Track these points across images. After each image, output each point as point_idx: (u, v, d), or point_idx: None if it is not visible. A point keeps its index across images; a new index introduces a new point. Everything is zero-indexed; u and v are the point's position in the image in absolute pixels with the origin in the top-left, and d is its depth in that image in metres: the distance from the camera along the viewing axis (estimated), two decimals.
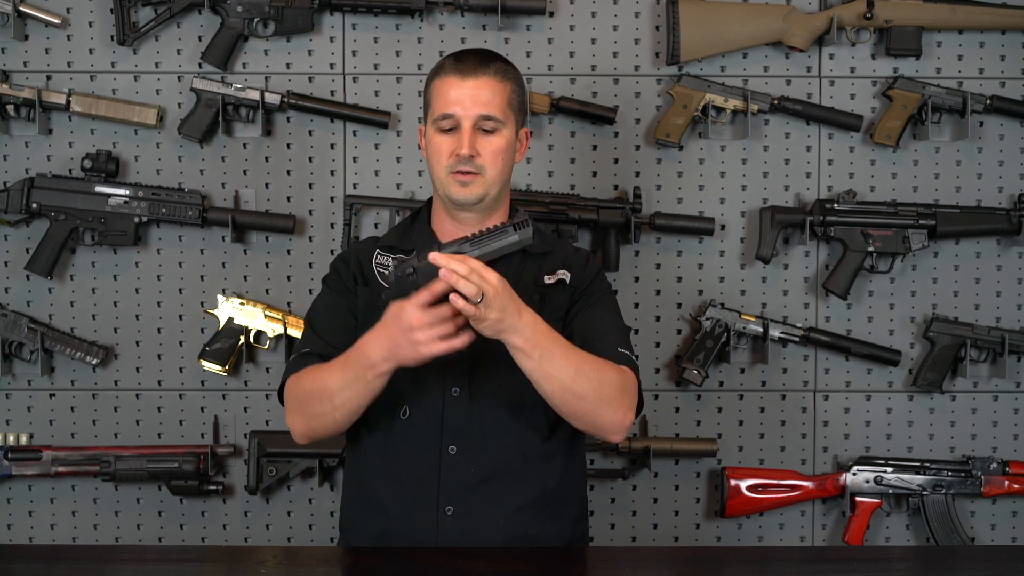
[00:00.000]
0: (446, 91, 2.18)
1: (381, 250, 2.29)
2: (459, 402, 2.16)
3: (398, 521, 2.18)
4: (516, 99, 2.23)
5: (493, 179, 2.19)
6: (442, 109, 2.18)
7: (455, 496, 2.16)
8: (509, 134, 2.21)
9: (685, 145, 3.09)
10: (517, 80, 2.24)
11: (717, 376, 3.12)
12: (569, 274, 2.27)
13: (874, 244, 3.05)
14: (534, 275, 2.27)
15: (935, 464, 3.08)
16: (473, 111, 2.17)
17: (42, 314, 3.07)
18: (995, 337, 3.10)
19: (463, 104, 2.17)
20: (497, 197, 2.23)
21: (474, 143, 2.17)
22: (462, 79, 2.18)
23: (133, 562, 2.17)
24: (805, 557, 2.43)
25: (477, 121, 2.17)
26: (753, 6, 3.05)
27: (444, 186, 2.20)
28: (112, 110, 3.00)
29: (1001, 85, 3.12)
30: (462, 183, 2.18)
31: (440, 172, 2.20)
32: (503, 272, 2.24)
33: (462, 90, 2.17)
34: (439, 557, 2.08)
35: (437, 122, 2.19)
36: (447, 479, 2.15)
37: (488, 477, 2.16)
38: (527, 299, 2.21)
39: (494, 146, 2.18)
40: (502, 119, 2.19)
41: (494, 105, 2.18)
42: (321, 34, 3.06)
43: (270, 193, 3.07)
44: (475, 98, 2.17)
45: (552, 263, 2.28)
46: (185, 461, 3.02)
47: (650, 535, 3.14)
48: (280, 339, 3.04)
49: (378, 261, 2.27)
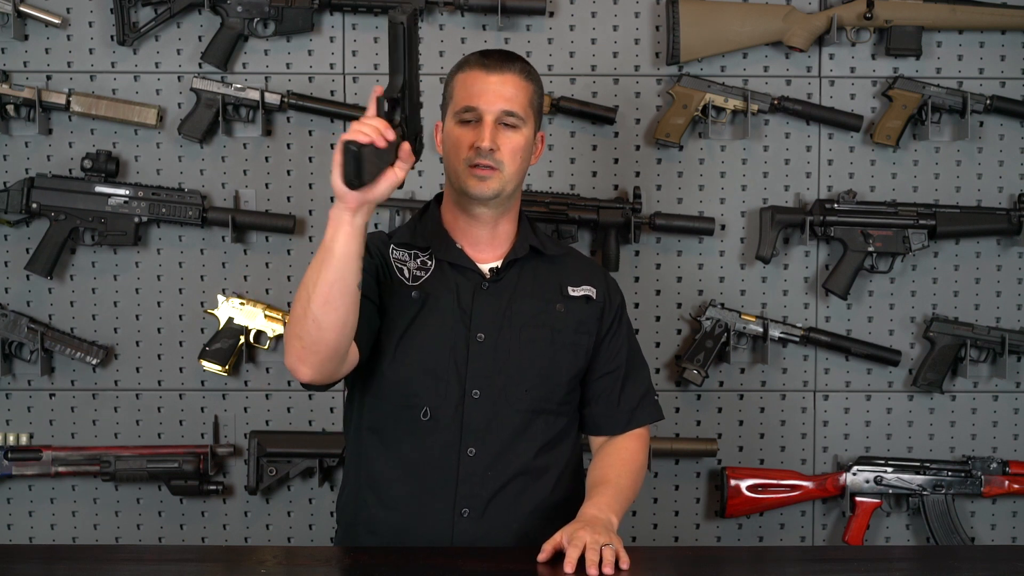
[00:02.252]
0: (470, 84, 2.18)
1: (396, 246, 2.27)
2: (479, 405, 2.17)
3: (414, 520, 2.18)
4: (536, 100, 2.23)
5: (510, 176, 2.19)
6: (465, 101, 2.18)
7: (472, 499, 2.16)
8: (528, 133, 2.20)
9: (685, 145, 3.09)
10: (538, 82, 2.25)
11: (717, 376, 3.12)
12: (595, 290, 2.29)
13: (874, 244, 3.05)
14: (556, 282, 2.27)
15: (935, 464, 3.08)
16: (496, 105, 2.16)
17: (42, 314, 3.07)
18: (995, 337, 3.10)
19: (487, 97, 2.17)
20: (511, 196, 2.22)
21: (495, 137, 2.16)
22: (487, 73, 2.18)
23: (133, 562, 2.17)
24: (805, 557, 2.42)
25: (499, 116, 2.16)
26: (753, 6, 3.05)
27: (460, 179, 2.19)
28: (112, 110, 3.00)
29: (1001, 85, 3.12)
30: (479, 177, 2.17)
31: (458, 165, 2.18)
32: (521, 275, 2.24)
33: (487, 84, 2.17)
34: (439, 557, 2.08)
35: (459, 114, 2.18)
36: (465, 481, 2.15)
37: (506, 481, 2.17)
38: (549, 306, 2.23)
39: (514, 143, 2.18)
40: (523, 117, 2.19)
41: (517, 102, 2.18)
42: (321, 34, 3.06)
43: (270, 193, 3.07)
44: (499, 93, 2.17)
45: (573, 274, 2.29)
46: (185, 461, 3.02)
47: (650, 535, 3.14)
48: (280, 339, 3.04)
49: (395, 256, 2.25)
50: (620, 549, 1.96)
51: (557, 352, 2.22)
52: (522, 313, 2.21)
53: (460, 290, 2.21)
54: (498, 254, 2.25)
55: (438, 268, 2.23)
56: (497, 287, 2.22)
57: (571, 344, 2.23)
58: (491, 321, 2.19)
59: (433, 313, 2.19)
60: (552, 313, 2.23)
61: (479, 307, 2.20)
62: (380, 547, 2.18)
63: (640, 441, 2.31)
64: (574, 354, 2.24)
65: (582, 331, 2.25)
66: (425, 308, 2.20)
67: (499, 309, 2.20)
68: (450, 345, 2.17)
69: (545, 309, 2.23)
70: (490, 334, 2.18)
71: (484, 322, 2.19)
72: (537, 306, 2.23)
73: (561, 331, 2.23)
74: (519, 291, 2.23)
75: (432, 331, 2.18)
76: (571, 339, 2.23)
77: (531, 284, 2.25)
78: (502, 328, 2.19)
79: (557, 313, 2.23)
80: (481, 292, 2.21)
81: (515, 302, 2.22)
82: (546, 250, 2.27)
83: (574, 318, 2.24)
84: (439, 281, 2.22)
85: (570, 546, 1.95)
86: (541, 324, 2.22)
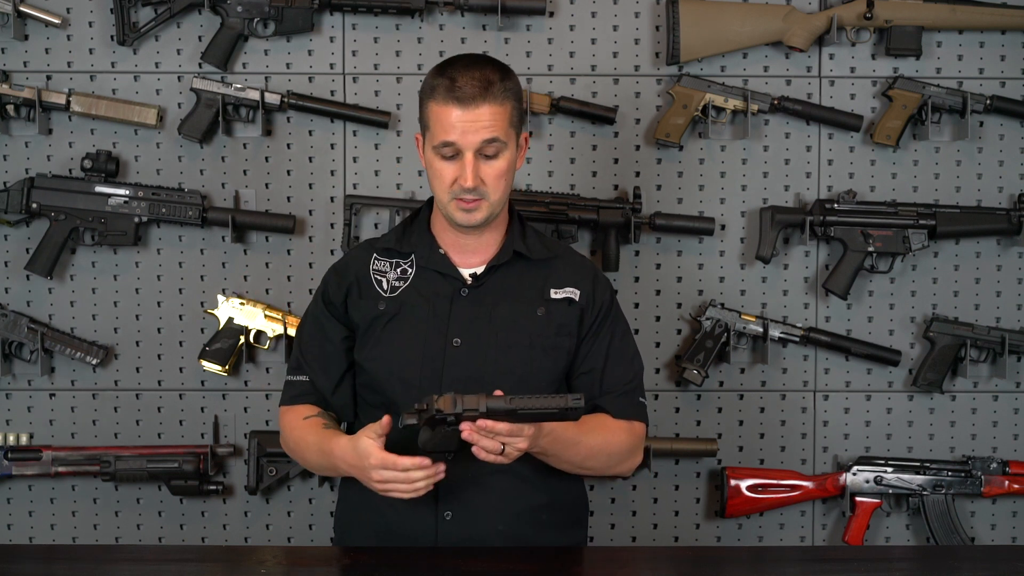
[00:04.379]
0: (445, 118, 2.14)
1: (379, 254, 2.28)
2: None
3: (398, 523, 2.18)
4: (516, 114, 2.20)
5: (497, 201, 2.19)
6: (442, 136, 2.14)
7: (454, 501, 2.16)
8: (511, 152, 2.18)
9: (685, 145, 3.09)
10: (516, 94, 2.20)
11: (717, 376, 3.12)
12: (578, 291, 2.27)
13: (874, 244, 3.05)
14: (540, 285, 2.26)
15: (935, 464, 3.08)
16: (475, 139, 2.13)
17: (42, 314, 3.07)
18: (995, 337, 3.09)
19: (464, 133, 2.13)
20: (500, 211, 2.23)
21: (477, 172, 2.14)
22: (461, 109, 2.13)
23: (133, 562, 2.17)
24: (805, 557, 2.43)
25: (480, 147, 2.14)
26: (753, 6, 3.05)
27: (447, 209, 2.19)
28: (112, 110, 3.00)
29: (1001, 85, 3.11)
30: (466, 210, 2.17)
31: (443, 196, 2.18)
32: (504, 280, 2.24)
33: (463, 120, 2.13)
34: (438, 557, 2.08)
35: (438, 149, 2.15)
36: (446, 484, 2.14)
37: (488, 483, 2.16)
38: (530, 310, 2.23)
39: (497, 170, 2.16)
40: (504, 140, 2.16)
41: (496, 127, 2.14)
42: (321, 34, 3.06)
43: (270, 193, 3.07)
44: (476, 127, 2.13)
45: (558, 275, 2.28)
46: (185, 461, 3.02)
47: (650, 535, 3.14)
48: (280, 339, 3.04)
49: (375, 267, 2.27)
50: (513, 447, 2.01)
51: (536, 356, 2.21)
52: (501, 318, 2.21)
53: (439, 296, 2.22)
54: (484, 258, 2.25)
55: (419, 275, 2.25)
56: (477, 293, 2.23)
57: (551, 348, 2.23)
58: (469, 326, 2.20)
59: (408, 321, 2.21)
60: (532, 318, 2.23)
61: (457, 313, 2.21)
62: (380, 547, 2.19)
63: (626, 427, 2.25)
64: (554, 358, 2.23)
65: (563, 334, 2.24)
66: (399, 317, 2.22)
67: (478, 314, 2.21)
68: (424, 351, 2.19)
69: (525, 313, 2.23)
70: (467, 339, 2.19)
71: (461, 328, 2.20)
72: (518, 311, 2.22)
73: (541, 335, 2.22)
74: (500, 296, 2.23)
75: (406, 338, 2.19)
76: (551, 343, 2.23)
77: (514, 288, 2.24)
78: (480, 333, 2.19)
79: (538, 317, 2.23)
80: (460, 298, 2.22)
81: (495, 307, 2.22)
82: (532, 255, 2.26)
83: (555, 321, 2.24)
84: (417, 289, 2.24)
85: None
86: (520, 329, 2.21)
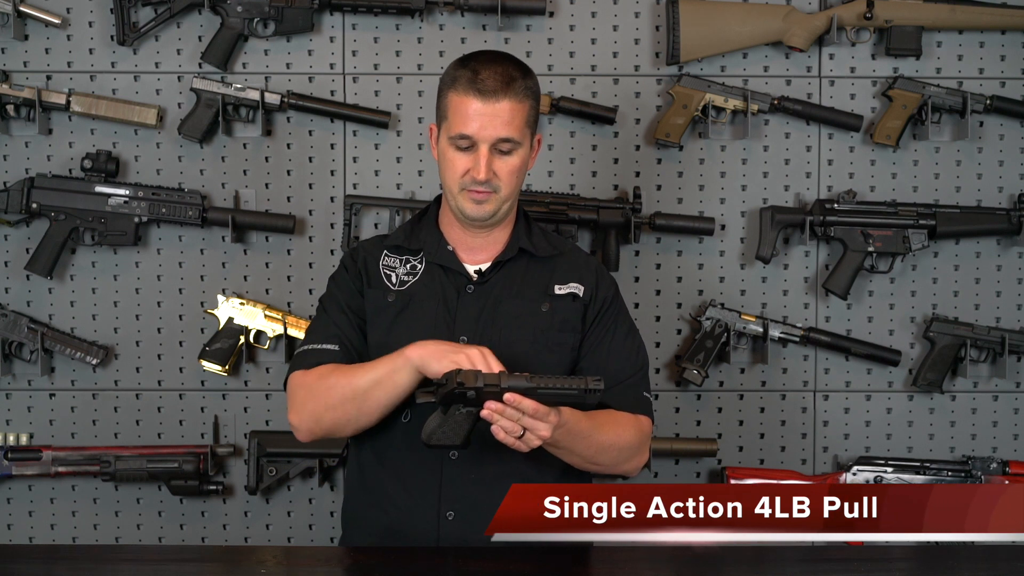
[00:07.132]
0: (464, 109, 2.15)
1: (388, 251, 2.29)
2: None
3: (401, 521, 2.18)
4: (533, 114, 2.21)
5: (507, 196, 2.20)
6: (459, 128, 2.15)
7: (456, 502, 2.16)
8: (525, 151, 2.20)
9: (685, 145, 3.09)
10: (535, 94, 2.22)
11: (717, 376, 3.12)
12: (582, 287, 2.27)
13: (874, 244, 3.05)
14: (544, 281, 2.27)
15: (935, 464, 3.08)
16: (492, 134, 2.14)
17: (42, 314, 3.07)
18: (995, 337, 3.10)
19: (482, 126, 2.14)
20: (509, 209, 2.24)
21: (491, 165, 2.15)
22: (482, 102, 2.14)
23: (133, 562, 2.17)
24: (805, 557, 2.42)
25: (495, 143, 2.15)
26: (753, 6, 3.05)
27: (457, 200, 2.19)
28: (112, 110, 3.00)
29: (1001, 85, 3.12)
30: (476, 201, 2.18)
31: (453, 187, 2.19)
32: (509, 276, 2.25)
33: (482, 113, 2.14)
34: (439, 557, 2.08)
35: (454, 140, 2.16)
36: (448, 484, 2.14)
37: (490, 483, 2.15)
38: (535, 306, 2.23)
39: (510, 166, 2.17)
40: (519, 139, 2.17)
41: (513, 126, 2.15)
42: (321, 34, 3.06)
43: (270, 193, 3.07)
44: (495, 122, 2.14)
45: (563, 271, 2.28)
46: (185, 461, 3.02)
47: None
48: (280, 339, 3.04)
49: (385, 263, 2.27)
50: (535, 433, 2.00)
51: (540, 353, 2.21)
52: (506, 314, 2.22)
53: (446, 292, 2.22)
54: (490, 255, 2.26)
55: (427, 271, 2.25)
56: (482, 289, 2.23)
57: (555, 344, 2.23)
58: (474, 323, 2.20)
59: (415, 316, 2.21)
60: (537, 314, 2.23)
61: (463, 309, 2.21)
62: (380, 547, 2.18)
63: (633, 422, 2.23)
64: (559, 354, 2.23)
65: (567, 329, 2.24)
66: (406, 312, 2.22)
67: (483, 311, 2.21)
68: None
69: (530, 310, 2.23)
70: (473, 336, 2.19)
71: (467, 324, 2.20)
72: (522, 307, 2.23)
73: (545, 331, 2.23)
74: (505, 292, 2.24)
75: (412, 334, 2.18)
76: (555, 339, 2.23)
77: (519, 284, 2.25)
78: (485, 330, 2.20)
79: (542, 313, 2.23)
80: (466, 294, 2.23)
81: (501, 303, 2.22)
82: (537, 251, 2.27)
83: (559, 317, 2.24)
84: (426, 285, 2.24)
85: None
86: (524, 325, 2.22)
